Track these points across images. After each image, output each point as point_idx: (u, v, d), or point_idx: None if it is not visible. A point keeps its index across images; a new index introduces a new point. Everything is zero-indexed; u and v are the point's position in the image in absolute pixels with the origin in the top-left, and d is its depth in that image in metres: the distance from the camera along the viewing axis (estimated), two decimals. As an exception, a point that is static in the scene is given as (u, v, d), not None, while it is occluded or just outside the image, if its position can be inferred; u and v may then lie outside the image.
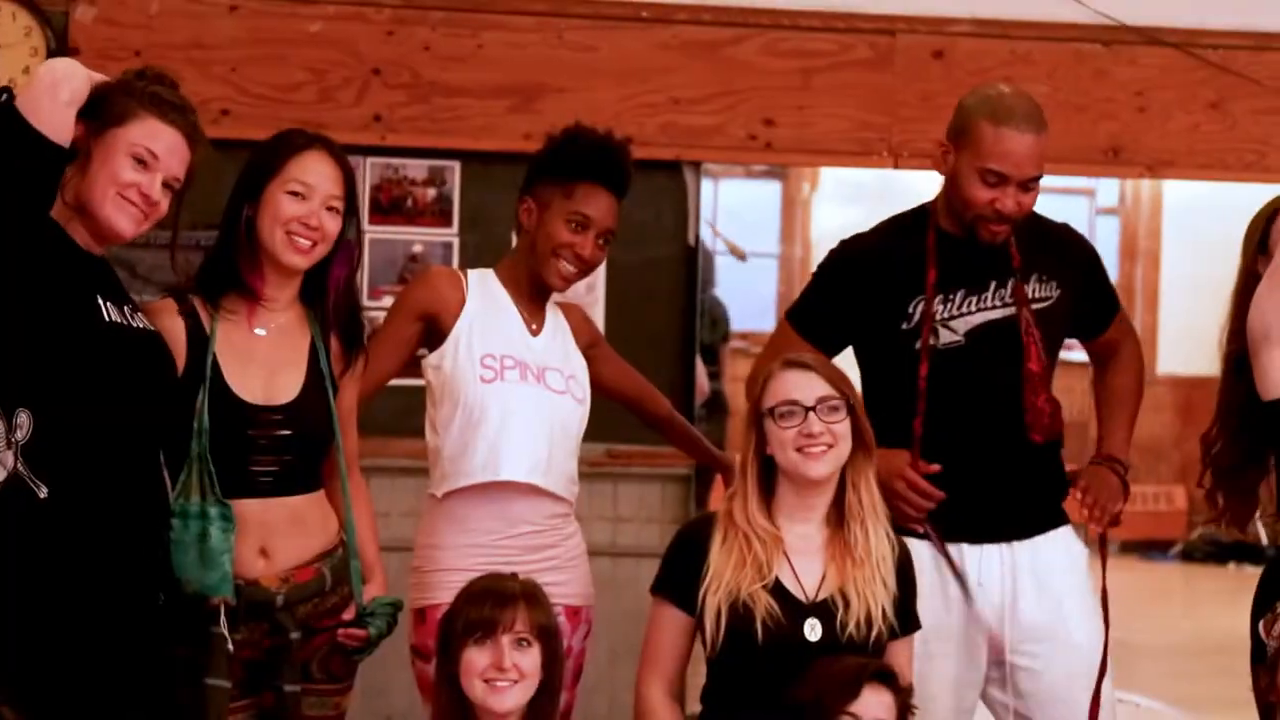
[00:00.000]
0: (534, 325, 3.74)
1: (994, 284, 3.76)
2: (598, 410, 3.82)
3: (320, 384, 3.36)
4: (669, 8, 5.38)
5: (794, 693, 3.24)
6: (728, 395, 8.22)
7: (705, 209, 5.58)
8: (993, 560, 3.73)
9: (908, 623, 3.44)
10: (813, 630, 3.32)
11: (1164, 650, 8.09)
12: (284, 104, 5.24)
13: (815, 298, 3.88)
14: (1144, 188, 11.63)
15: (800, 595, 3.35)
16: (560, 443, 3.68)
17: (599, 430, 3.92)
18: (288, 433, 3.29)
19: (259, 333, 3.35)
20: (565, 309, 3.85)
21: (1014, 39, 5.44)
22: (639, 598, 3.65)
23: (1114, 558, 4.09)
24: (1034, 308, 3.76)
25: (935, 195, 3.82)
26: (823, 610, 3.34)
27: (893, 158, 5.44)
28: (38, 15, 5.19)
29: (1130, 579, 9.66)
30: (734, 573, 3.34)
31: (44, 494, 2.98)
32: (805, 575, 3.37)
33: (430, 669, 3.43)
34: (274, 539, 3.29)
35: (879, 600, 3.35)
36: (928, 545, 3.68)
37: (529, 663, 3.24)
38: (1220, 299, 3.70)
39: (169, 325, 3.27)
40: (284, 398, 3.31)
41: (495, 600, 3.26)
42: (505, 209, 4.05)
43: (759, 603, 3.31)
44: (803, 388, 3.38)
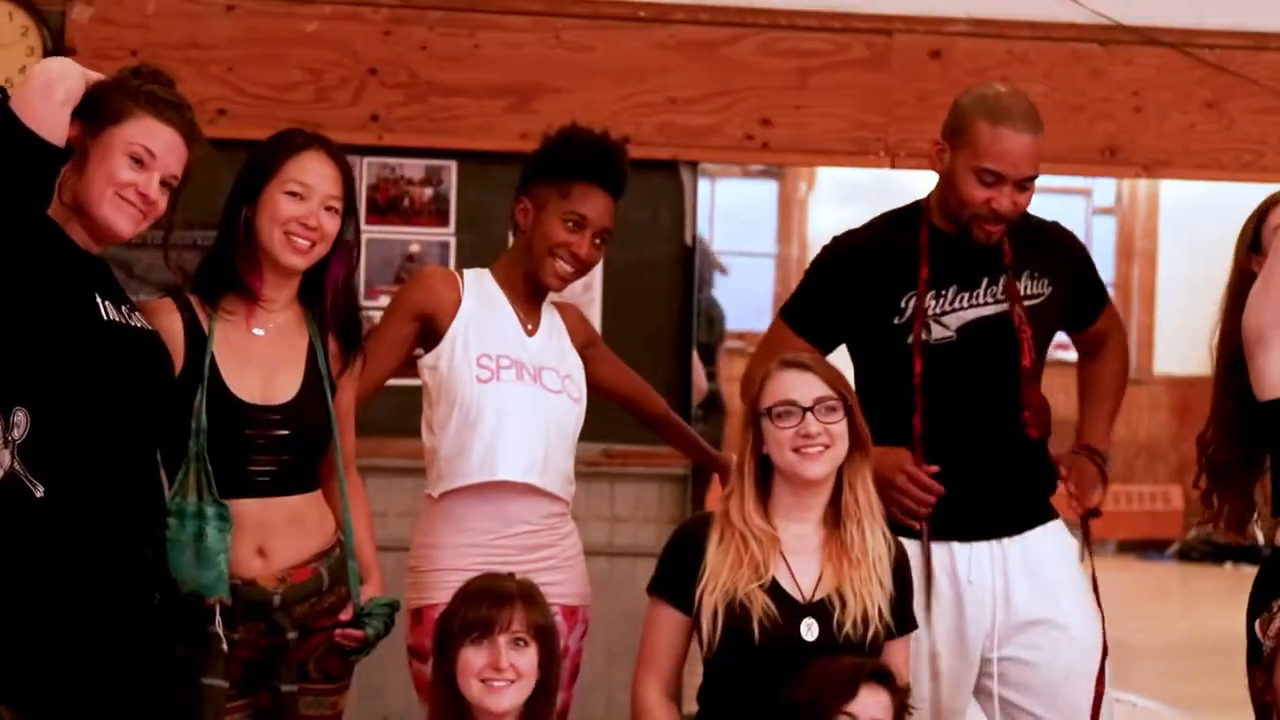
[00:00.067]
0: (530, 325, 3.74)
1: (986, 280, 3.76)
2: (594, 410, 3.82)
3: (318, 384, 3.36)
4: (666, 7, 5.38)
5: (791, 693, 3.23)
6: (725, 395, 8.22)
7: (702, 209, 5.57)
8: (983, 557, 3.73)
9: (904, 622, 3.44)
10: (809, 630, 3.32)
11: (1161, 650, 8.09)
12: (281, 104, 5.23)
13: (809, 294, 3.88)
14: (1140, 187, 11.64)
15: (797, 595, 3.35)
16: (557, 442, 3.67)
17: (596, 430, 3.93)
18: (285, 433, 3.29)
19: (257, 333, 3.34)
20: (561, 308, 3.85)
21: (1011, 39, 5.44)
22: (636, 597, 3.65)
23: (1111, 557, 4.10)
24: (1026, 304, 3.77)
25: (929, 193, 3.83)
26: (819, 610, 3.34)
27: (890, 157, 5.44)
28: (34, 15, 5.19)
29: (1127, 579, 9.68)
30: (731, 573, 3.34)
31: (40, 493, 2.98)
32: (802, 575, 3.37)
33: (427, 669, 3.43)
34: (271, 539, 3.28)
35: (875, 600, 3.35)
36: (918, 545, 3.67)
37: (526, 662, 3.24)
38: (1217, 299, 3.70)
39: (167, 324, 3.27)
40: (282, 398, 3.31)
41: (492, 600, 3.26)
42: (502, 209, 4.05)
43: (756, 602, 3.31)
44: (800, 388, 3.38)
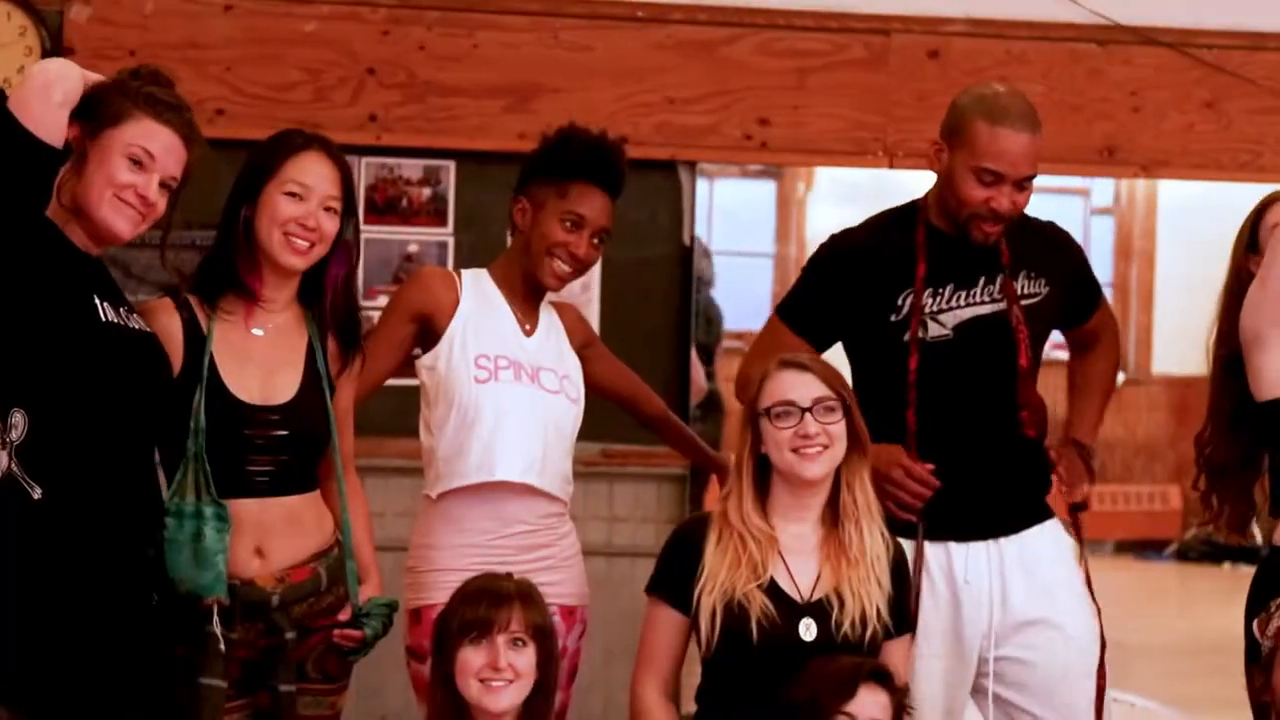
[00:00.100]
0: (528, 325, 3.74)
1: (983, 280, 3.76)
2: (593, 410, 3.82)
3: (317, 384, 3.36)
4: (664, 7, 5.38)
5: (789, 692, 3.23)
6: (723, 395, 8.22)
7: (700, 209, 5.57)
8: (980, 558, 3.72)
9: (903, 622, 3.44)
10: (808, 630, 3.32)
11: (1159, 650, 8.08)
12: (279, 104, 5.24)
13: (805, 292, 3.87)
14: (1139, 187, 11.64)
15: (795, 595, 3.35)
16: (555, 442, 3.67)
17: (594, 430, 3.93)
18: (284, 433, 3.29)
19: (256, 333, 3.34)
20: (559, 308, 3.85)
21: (1009, 39, 5.44)
22: (634, 597, 3.65)
23: (1109, 557, 4.11)
24: (1023, 304, 3.77)
25: (926, 192, 3.83)
26: (818, 610, 3.34)
27: (888, 157, 5.44)
28: (33, 15, 5.19)
29: (1125, 579, 9.67)
30: (729, 573, 3.34)
31: (38, 494, 2.97)
32: (800, 575, 3.37)
33: (425, 669, 3.43)
34: (270, 539, 3.28)
35: (874, 600, 3.35)
36: (914, 544, 3.67)
37: (524, 662, 3.24)
38: (1215, 299, 3.70)
39: (166, 325, 3.27)
40: (281, 398, 3.31)
41: (490, 600, 3.26)
42: (500, 209, 4.05)
43: (754, 602, 3.31)
44: (799, 388, 3.38)
